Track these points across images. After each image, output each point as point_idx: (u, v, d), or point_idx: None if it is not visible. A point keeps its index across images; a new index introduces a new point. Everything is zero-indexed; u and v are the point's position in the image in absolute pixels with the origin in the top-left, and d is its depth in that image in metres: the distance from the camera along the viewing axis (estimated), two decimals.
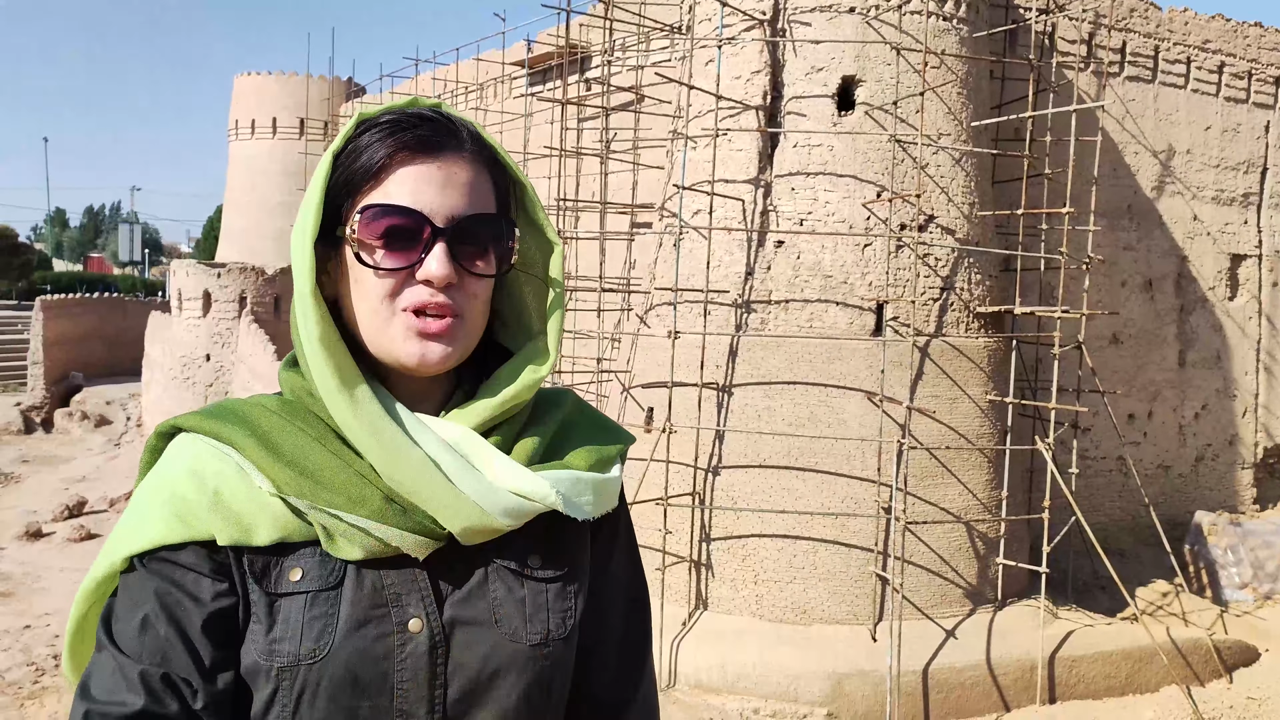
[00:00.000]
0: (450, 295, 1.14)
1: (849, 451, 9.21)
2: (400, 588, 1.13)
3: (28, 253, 46.10)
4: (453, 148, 1.15)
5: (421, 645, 1.12)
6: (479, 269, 1.15)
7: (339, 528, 1.11)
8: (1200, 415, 13.45)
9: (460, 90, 19.91)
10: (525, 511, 1.15)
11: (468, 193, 1.15)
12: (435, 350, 1.14)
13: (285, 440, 1.13)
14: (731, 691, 8.72)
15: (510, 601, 1.17)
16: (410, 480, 1.11)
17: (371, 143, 1.14)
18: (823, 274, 9.45)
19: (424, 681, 1.12)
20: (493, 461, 1.16)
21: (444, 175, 1.14)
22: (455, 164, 1.15)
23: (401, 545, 1.12)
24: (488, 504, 1.12)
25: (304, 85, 27.44)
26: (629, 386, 10.34)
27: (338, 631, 1.10)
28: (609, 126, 12.95)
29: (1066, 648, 9.13)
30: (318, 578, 1.12)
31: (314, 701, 1.09)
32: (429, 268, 1.12)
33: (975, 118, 10.00)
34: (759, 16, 9.76)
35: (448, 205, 1.13)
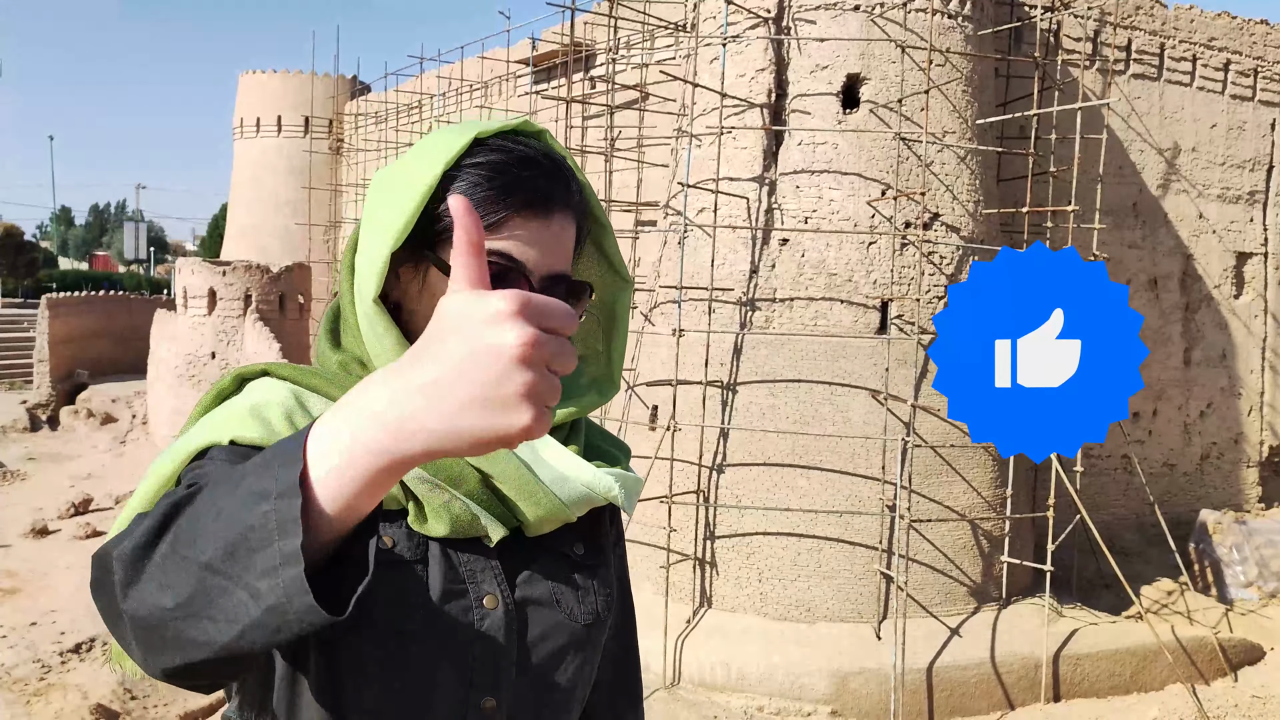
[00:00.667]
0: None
1: (853, 449, 9.21)
2: (475, 565, 1.17)
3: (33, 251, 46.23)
4: (563, 203, 1.14)
5: (497, 621, 1.16)
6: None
7: (436, 500, 1.14)
8: (1205, 414, 13.42)
9: (465, 88, 19.91)
10: (588, 502, 1.21)
11: (564, 252, 1.16)
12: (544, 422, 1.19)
13: None
14: (736, 689, 8.72)
15: (565, 585, 1.23)
16: (498, 469, 1.16)
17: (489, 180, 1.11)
18: (827, 272, 9.45)
19: (497, 657, 1.16)
20: (559, 454, 1.20)
21: (551, 235, 1.14)
22: (562, 226, 1.15)
23: (488, 525, 1.17)
24: (562, 493, 1.18)
25: (309, 83, 27.47)
26: (633, 385, 10.34)
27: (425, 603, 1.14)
28: (614, 124, 12.95)
29: (1071, 646, 9.12)
30: (406, 548, 1.14)
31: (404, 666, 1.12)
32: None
33: (980, 115, 9.99)
34: (764, 14, 9.76)
35: (554, 262, 1.14)
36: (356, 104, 26.83)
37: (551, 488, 1.17)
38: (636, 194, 13.00)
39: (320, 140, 27.27)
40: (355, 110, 26.72)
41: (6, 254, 42.30)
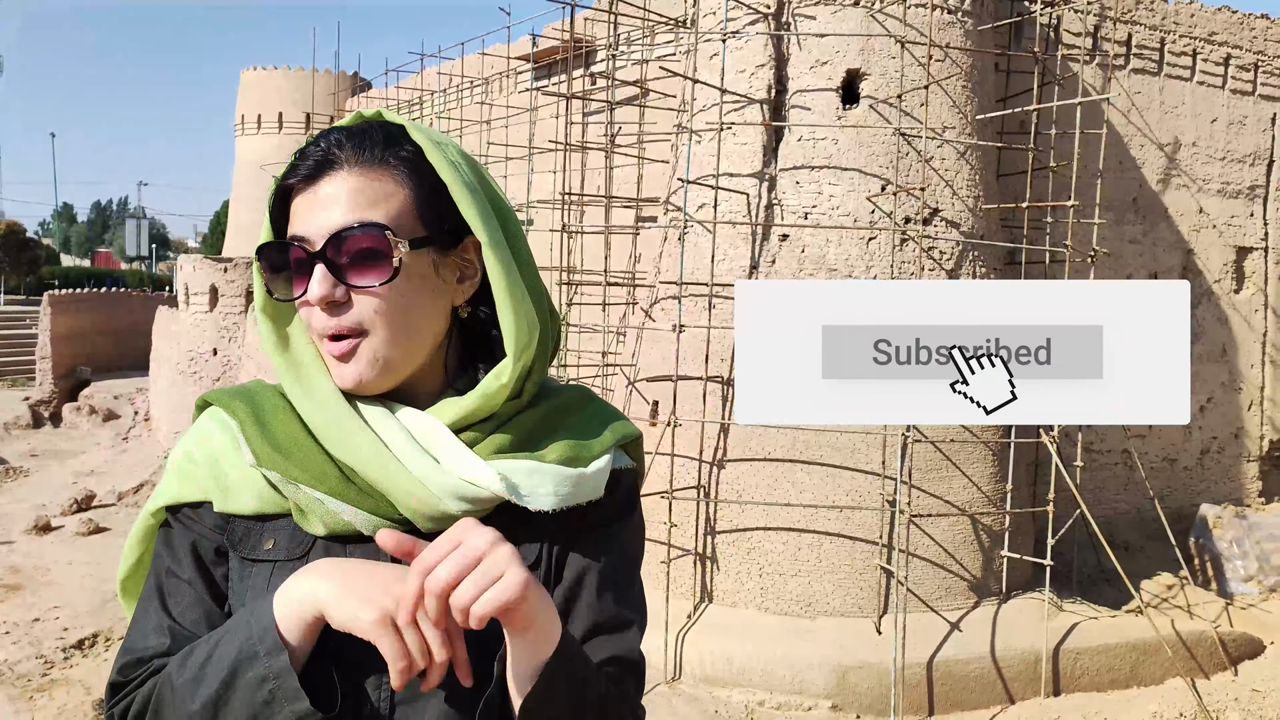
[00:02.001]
0: (346, 314, 1.17)
1: (854, 444, 9.23)
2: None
3: (35, 248, 46.23)
4: (334, 166, 1.18)
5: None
6: (360, 281, 1.16)
7: (304, 500, 1.18)
8: (1206, 408, 13.43)
9: (465, 85, 19.91)
10: (475, 497, 1.17)
11: (346, 203, 1.16)
12: (346, 373, 1.19)
13: (274, 418, 1.22)
14: (737, 684, 8.75)
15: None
16: (360, 462, 1.16)
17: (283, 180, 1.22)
18: (827, 267, 9.46)
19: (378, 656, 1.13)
20: (449, 450, 1.19)
21: (319, 197, 1.17)
22: (336, 181, 1.17)
23: (354, 521, 1.17)
24: (436, 486, 1.16)
25: (310, 80, 27.47)
26: (634, 380, 10.36)
27: None
28: (614, 121, 12.96)
29: (1071, 640, 9.15)
30: (285, 549, 1.20)
31: None
32: (310, 291, 1.16)
33: (980, 111, 9.99)
34: (763, 10, 9.76)
35: (325, 223, 1.16)
36: (357, 101, 26.84)
37: (426, 481, 1.15)
38: (637, 190, 13.01)
39: None
40: (356, 107, 26.71)
41: (9, 251, 42.32)
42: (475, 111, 19.37)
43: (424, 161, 1.21)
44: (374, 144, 1.20)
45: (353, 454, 1.16)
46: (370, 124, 1.22)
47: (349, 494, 1.17)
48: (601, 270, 12.34)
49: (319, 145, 1.19)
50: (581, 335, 13.21)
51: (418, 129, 1.23)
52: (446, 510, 1.16)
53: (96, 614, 11.11)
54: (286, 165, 1.22)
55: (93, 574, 12.25)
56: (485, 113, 18.75)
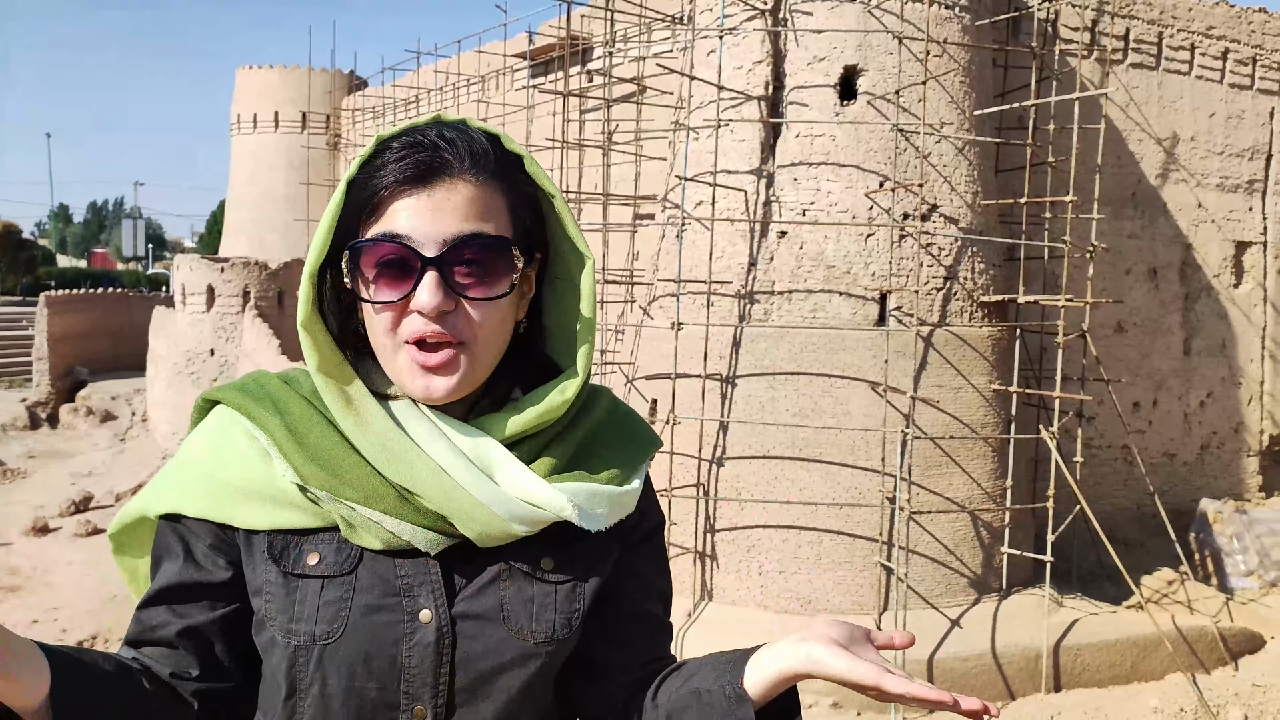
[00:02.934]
0: (448, 323, 1.14)
1: (853, 442, 9.21)
2: (413, 579, 1.19)
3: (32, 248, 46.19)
4: (449, 172, 1.14)
5: (429, 635, 1.17)
6: (477, 294, 1.15)
7: (357, 519, 1.16)
8: (1205, 403, 13.43)
9: (462, 83, 19.88)
10: (539, 520, 1.19)
11: (465, 214, 1.14)
12: (438, 385, 1.16)
13: (311, 431, 1.18)
14: None
15: (519, 600, 1.21)
16: (424, 490, 1.15)
17: (373, 175, 1.16)
18: (826, 264, 9.44)
19: (430, 669, 1.17)
20: (510, 470, 1.18)
21: (435, 202, 1.13)
22: (451, 188, 1.14)
23: (413, 540, 1.17)
24: (501, 510, 1.16)
25: (306, 78, 27.41)
26: (632, 378, 10.34)
27: (350, 615, 1.17)
28: (611, 118, 12.93)
29: (1071, 636, 9.14)
30: (333, 563, 1.18)
31: (326, 680, 1.17)
32: (419, 298, 1.13)
33: (978, 106, 9.97)
34: (760, 6, 9.73)
35: (439, 229, 1.13)
36: (354, 99, 26.80)
37: (491, 506, 1.15)
38: (635, 188, 12.98)
39: (318, 135, 27.24)
40: (352, 105, 26.68)
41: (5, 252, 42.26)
42: (472, 110, 19.33)
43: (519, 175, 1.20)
44: (486, 153, 1.17)
45: (410, 478, 1.15)
46: (470, 129, 1.18)
47: (407, 513, 1.16)
48: (599, 268, 12.30)
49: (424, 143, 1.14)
50: None
51: (511, 141, 1.22)
52: (511, 532, 1.18)
53: (96, 614, 11.10)
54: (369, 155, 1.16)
55: (91, 575, 12.22)
56: (482, 111, 18.72)
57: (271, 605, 1.18)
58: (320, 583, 1.17)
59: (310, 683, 1.17)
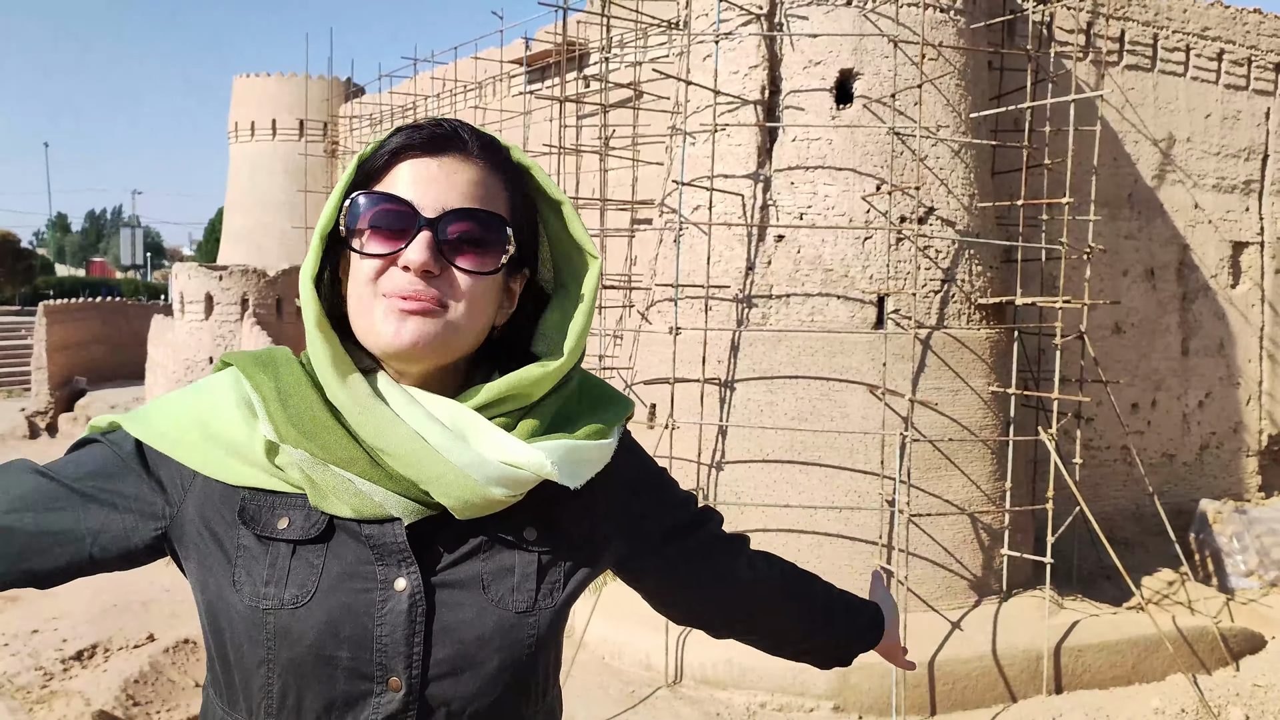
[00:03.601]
0: (433, 285, 1.15)
1: (852, 445, 9.22)
2: (388, 547, 1.17)
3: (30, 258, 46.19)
4: (457, 150, 1.18)
5: (403, 603, 1.15)
6: (465, 264, 1.16)
7: (329, 482, 1.15)
8: (1204, 403, 13.44)
9: (459, 89, 19.90)
10: (519, 480, 1.17)
11: (467, 189, 1.17)
12: (410, 328, 1.14)
13: (298, 394, 1.19)
14: (738, 686, 8.73)
15: (500, 569, 1.20)
16: (400, 453, 1.14)
17: (385, 145, 1.18)
18: (823, 268, 9.45)
19: (403, 639, 1.15)
20: (486, 434, 1.17)
21: (443, 172, 1.16)
22: (458, 163, 1.17)
23: (385, 504, 1.15)
24: (479, 474, 1.15)
25: (303, 86, 27.45)
26: (631, 383, 10.35)
27: (321, 581, 1.15)
28: (608, 123, 12.95)
29: (1072, 638, 9.14)
30: (301, 528, 1.17)
31: (296, 645, 1.14)
32: (408, 254, 1.13)
33: (974, 109, 9.99)
34: (756, 11, 9.75)
35: (440, 198, 1.15)
36: (351, 106, 26.81)
37: (468, 470, 1.14)
38: (632, 192, 13.00)
39: (315, 143, 27.25)
40: (350, 113, 26.69)
41: (3, 262, 42.26)
42: (469, 116, 19.34)
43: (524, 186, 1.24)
44: (498, 147, 1.22)
45: (392, 447, 1.14)
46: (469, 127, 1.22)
47: (379, 477, 1.15)
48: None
49: (441, 122, 1.19)
50: None
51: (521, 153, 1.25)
52: (490, 497, 1.16)
53: (95, 625, 11.08)
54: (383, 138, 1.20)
55: (91, 585, 12.22)
56: (479, 117, 18.74)
57: (241, 570, 1.16)
58: (291, 547, 1.16)
59: (279, 649, 1.14)
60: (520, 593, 1.19)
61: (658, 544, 1.41)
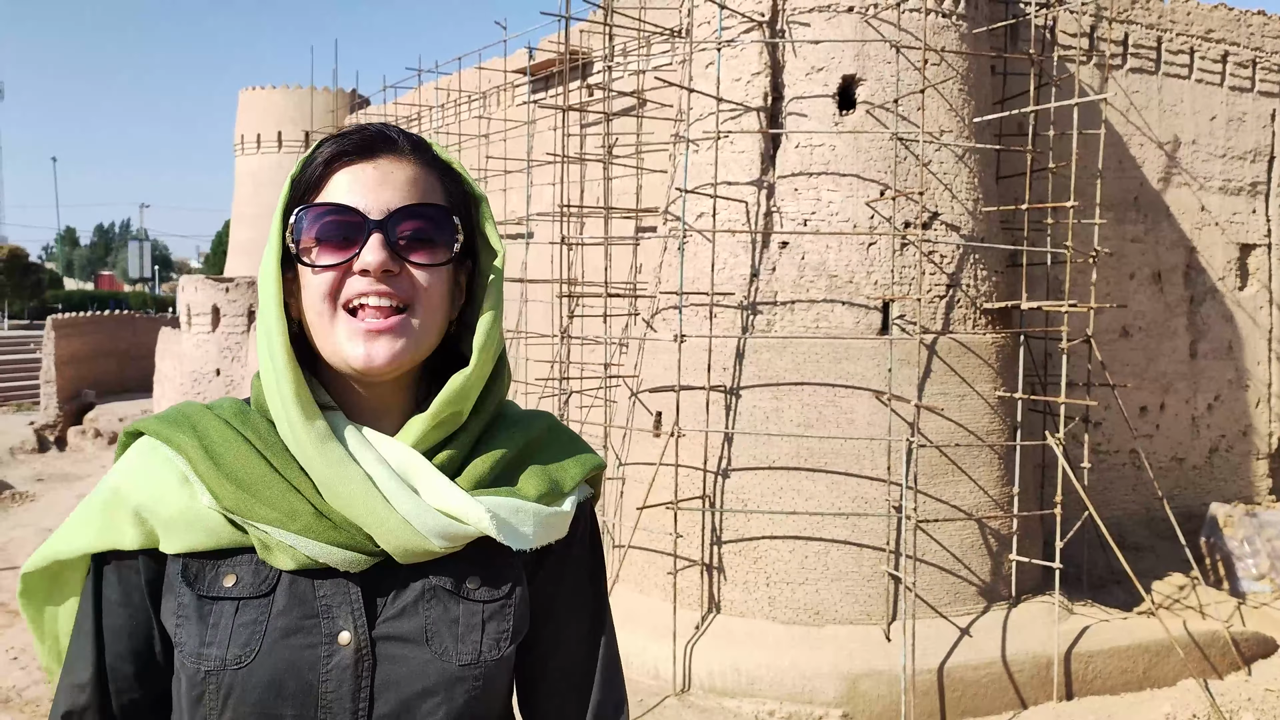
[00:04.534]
0: (392, 285, 1.14)
1: (858, 451, 9.19)
2: (333, 600, 1.15)
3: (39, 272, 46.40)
4: (390, 151, 1.18)
5: (348, 658, 1.13)
6: (420, 259, 1.16)
7: (271, 541, 1.14)
8: (1213, 406, 13.37)
9: (464, 99, 19.95)
10: (458, 534, 1.16)
11: (407, 188, 1.17)
12: (381, 348, 1.14)
13: (229, 452, 1.16)
14: (746, 694, 8.70)
15: (444, 621, 1.17)
16: (348, 497, 1.13)
17: (315, 157, 1.18)
18: (828, 274, 9.44)
19: (348, 694, 1.13)
20: (431, 482, 1.16)
21: (380, 174, 1.16)
22: (393, 164, 1.17)
23: (329, 560, 1.14)
24: (419, 524, 1.13)
25: (308, 98, 27.56)
26: (637, 391, 10.34)
27: (265, 638, 1.13)
28: (611, 132, 12.96)
29: (1082, 643, 9.08)
30: (250, 585, 1.15)
31: (239, 706, 1.12)
32: (364, 257, 1.13)
33: (977, 113, 9.98)
34: (757, 18, 9.76)
35: (384, 200, 1.15)
36: (356, 117, 26.90)
37: (410, 519, 1.13)
38: (636, 200, 13.00)
39: None
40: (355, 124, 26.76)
41: (12, 276, 42.45)
42: (473, 126, 19.40)
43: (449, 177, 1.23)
44: (426, 145, 1.22)
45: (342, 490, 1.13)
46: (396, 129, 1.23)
47: (322, 531, 1.13)
48: (602, 282, 12.32)
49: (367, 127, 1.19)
50: (584, 348, 13.19)
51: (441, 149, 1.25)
52: (430, 548, 1.15)
53: None
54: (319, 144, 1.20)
55: None
56: (484, 127, 18.78)
57: (183, 630, 1.14)
58: (235, 605, 1.14)
59: (221, 710, 1.12)
60: (465, 644, 1.17)
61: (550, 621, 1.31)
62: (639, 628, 9.39)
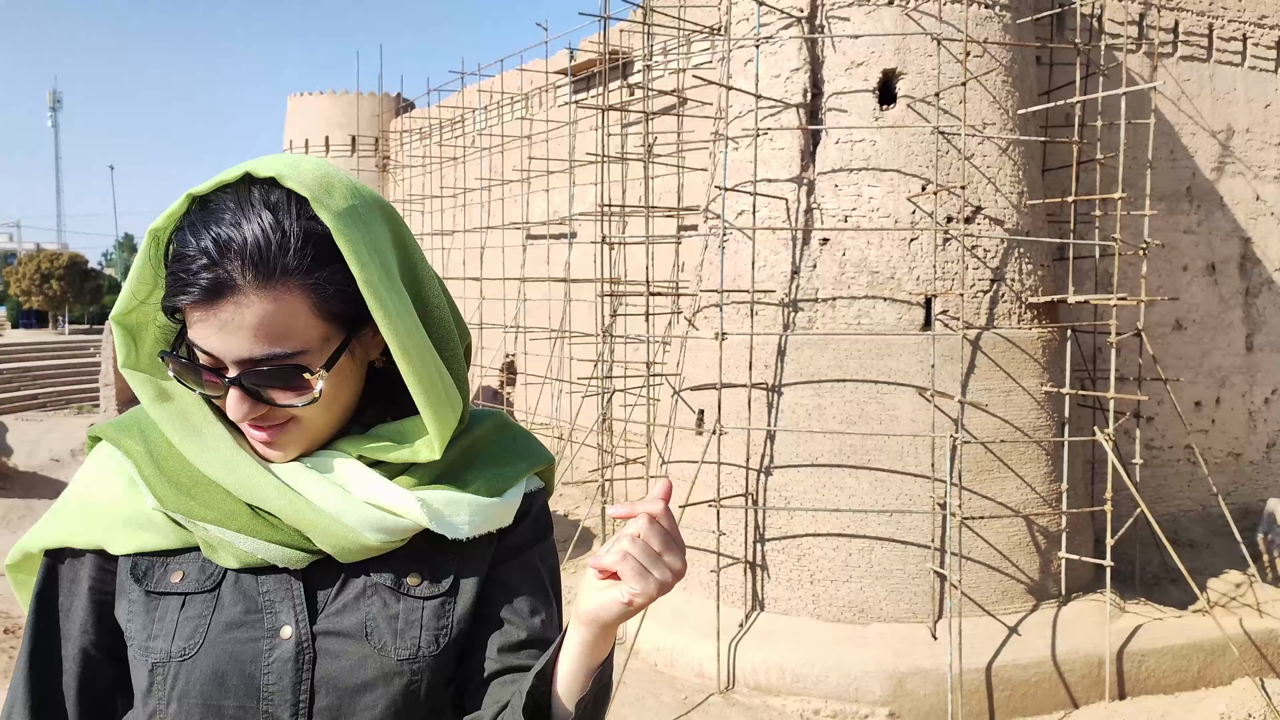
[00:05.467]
0: (269, 417, 1.17)
1: (902, 448, 9.11)
2: (275, 595, 1.19)
3: (98, 278, 47.44)
4: (232, 291, 1.09)
5: (289, 651, 1.17)
6: (285, 399, 1.15)
7: (213, 539, 1.18)
8: (1270, 400, 13.06)
9: (506, 101, 20.09)
10: (395, 528, 1.18)
11: (251, 338, 1.11)
12: (275, 456, 1.20)
13: (170, 455, 1.21)
14: (791, 692, 8.67)
15: (383, 617, 1.20)
16: (270, 505, 1.17)
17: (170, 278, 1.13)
18: (869, 270, 9.37)
19: (289, 686, 1.16)
20: (360, 479, 1.19)
21: (221, 323, 1.10)
22: (237, 306, 1.10)
23: (269, 557, 1.18)
24: (351, 519, 1.16)
25: (355, 103, 27.91)
26: (679, 389, 10.35)
27: (209, 632, 1.17)
28: (652, 131, 12.99)
29: (1135, 642, 8.93)
30: (196, 580, 1.19)
31: (184, 698, 1.16)
32: (229, 409, 1.15)
33: (1022, 105, 9.84)
34: (796, 14, 9.72)
35: (232, 350, 1.11)
36: (401, 121, 27.20)
37: (340, 516, 1.16)
38: (677, 199, 13.02)
39: (367, 158, 27.69)
40: (400, 127, 27.08)
41: (72, 283, 43.51)
42: (516, 127, 19.52)
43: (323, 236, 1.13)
44: (271, 255, 1.10)
45: (258, 498, 1.16)
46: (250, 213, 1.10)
47: (260, 529, 1.17)
48: (644, 281, 12.35)
49: (209, 260, 1.09)
50: (627, 346, 13.23)
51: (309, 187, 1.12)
52: (365, 543, 1.17)
53: None
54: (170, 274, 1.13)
55: None
56: (525, 128, 18.90)
57: (132, 624, 1.19)
58: (181, 600, 1.18)
59: (168, 701, 1.16)
60: (404, 640, 1.19)
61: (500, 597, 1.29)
62: (683, 625, 9.40)
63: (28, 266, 43.53)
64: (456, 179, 21.63)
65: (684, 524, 9.44)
